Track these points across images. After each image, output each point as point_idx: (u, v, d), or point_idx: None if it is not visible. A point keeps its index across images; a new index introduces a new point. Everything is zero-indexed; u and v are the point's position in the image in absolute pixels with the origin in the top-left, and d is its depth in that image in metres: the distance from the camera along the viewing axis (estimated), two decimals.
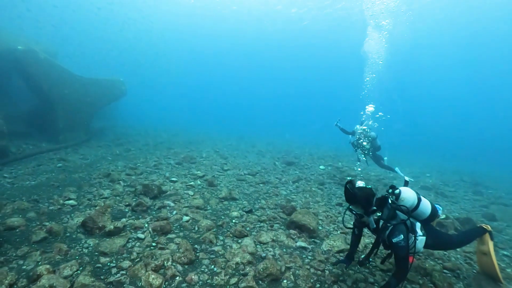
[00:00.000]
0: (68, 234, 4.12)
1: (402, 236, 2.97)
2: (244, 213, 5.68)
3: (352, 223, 3.91)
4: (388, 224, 3.12)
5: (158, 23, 35.67)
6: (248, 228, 4.90)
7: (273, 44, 40.92)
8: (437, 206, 3.59)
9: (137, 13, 30.17)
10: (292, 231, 4.92)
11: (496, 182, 13.69)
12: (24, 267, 3.23)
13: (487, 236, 3.93)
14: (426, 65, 41.64)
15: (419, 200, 3.36)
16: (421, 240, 3.28)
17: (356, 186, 3.03)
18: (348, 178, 9.78)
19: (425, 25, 28.46)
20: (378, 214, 3.14)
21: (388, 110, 11.20)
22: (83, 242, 3.91)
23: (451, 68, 41.76)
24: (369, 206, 3.05)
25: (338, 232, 5.21)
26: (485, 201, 9.78)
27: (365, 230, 3.99)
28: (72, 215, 4.75)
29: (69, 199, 5.44)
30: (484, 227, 3.98)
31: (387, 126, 10.70)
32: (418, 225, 3.36)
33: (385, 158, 9.54)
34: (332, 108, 70.22)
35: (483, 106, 57.30)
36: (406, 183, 3.91)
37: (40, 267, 3.08)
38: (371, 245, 3.38)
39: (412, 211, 3.29)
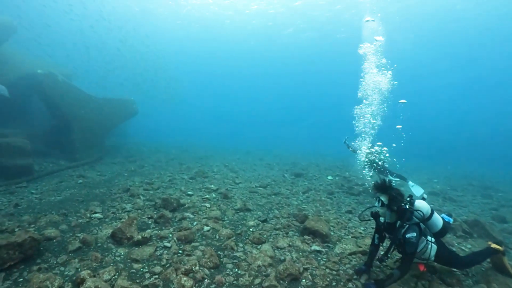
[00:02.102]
0: (99, 244, 4.46)
1: (414, 234, 3.37)
2: (260, 222, 5.98)
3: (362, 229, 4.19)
4: (405, 224, 3.47)
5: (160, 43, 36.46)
6: (265, 236, 5.19)
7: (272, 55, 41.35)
8: (447, 218, 4.02)
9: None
10: (306, 237, 5.20)
11: (507, 185, 13.79)
12: (66, 272, 3.56)
13: (500, 255, 4.07)
14: (428, 66, 41.09)
15: (432, 212, 3.80)
16: (433, 248, 3.62)
17: None
18: (355, 187, 10.12)
19: (427, 29, 28.51)
20: (395, 208, 3.53)
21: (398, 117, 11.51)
22: (114, 251, 4.24)
23: (455, 68, 41.21)
24: (395, 199, 3.51)
25: (349, 236, 5.48)
26: (495, 204, 9.94)
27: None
28: (100, 227, 5.10)
29: (95, 212, 5.82)
30: (496, 247, 4.06)
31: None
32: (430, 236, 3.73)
33: (410, 181, 9.44)
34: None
35: (492, 108, 56.16)
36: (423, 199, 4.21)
37: (82, 272, 3.40)
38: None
39: (427, 220, 3.72)
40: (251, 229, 5.53)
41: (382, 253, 3.78)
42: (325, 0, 24.47)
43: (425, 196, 4.55)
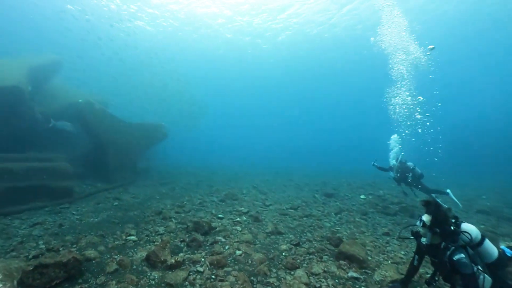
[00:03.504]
0: (134, 266, 4.56)
1: (463, 255, 3.06)
2: (292, 246, 5.84)
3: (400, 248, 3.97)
4: (449, 246, 3.21)
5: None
6: (298, 260, 5.06)
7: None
8: (509, 251, 3.48)
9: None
10: (342, 262, 5.00)
11: None
12: None
13: None
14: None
15: (483, 237, 3.38)
16: (486, 279, 3.16)
17: None
18: (391, 206, 9.68)
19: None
20: (437, 230, 3.29)
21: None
22: (149, 274, 4.32)
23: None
24: (438, 221, 3.30)
25: (389, 262, 5.19)
26: None
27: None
28: (135, 249, 5.24)
29: (130, 235, 5.99)
30: None
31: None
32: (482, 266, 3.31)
33: (448, 190, 9.07)
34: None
35: None
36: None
37: None
38: (427, 275, 3.44)
39: (476, 246, 3.32)
40: (283, 254, 5.42)
41: (428, 275, 3.52)
42: None
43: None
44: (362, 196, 11.57)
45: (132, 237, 5.84)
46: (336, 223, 7.91)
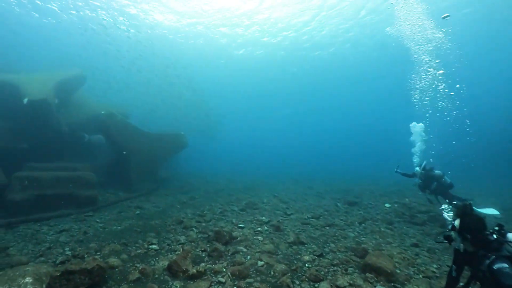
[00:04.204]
0: (156, 276, 4.55)
1: (506, 265, 2.73)
2: (316, 257, 5.67)
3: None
4: (489, 254, 2.95)
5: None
6: (322, 272, 4.88)
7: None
8: None
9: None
10: (368, 275, 4.77)
11: None
12: None
13: None
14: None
15: None
16: None
17: None
18: (418, 215, 9.26)
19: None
20: (468, 236, 3.08)
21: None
22: (170, 284, 4.30)
23: None
24: (468, 226, 3.11)
25: (420, 276, 4.91)
26: None
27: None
28: (157, 258, 5.25)
29: (152, 244, 6.01)
30: None
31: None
32: None
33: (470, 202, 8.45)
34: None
35: None
36: None
37: None
38: None
39: None
40: (306, 265, 5.25)
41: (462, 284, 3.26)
42: None
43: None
44: (386, 205, 11.17)
45: (153, 246, 5.86)
46: (360, 233, 7.64)
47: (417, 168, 9.30)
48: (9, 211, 7.93)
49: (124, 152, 12.77)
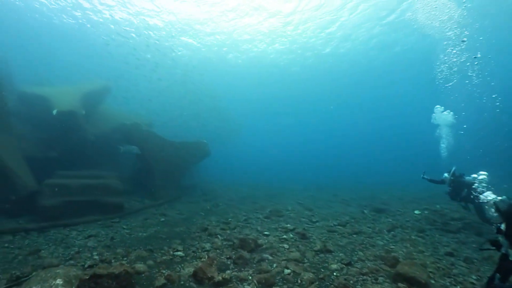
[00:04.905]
0: (182, 282, 4.52)
1: None
2: (344, 265, 5.45)
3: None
4: None
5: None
6: (351, 281, 4.67)
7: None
8: None
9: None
10: (400, 285, 4.51)
11: None
12: None
13: None
14: None
15: None
16: None
17: None
18: (452, 222, 8.77)
19: None
20: None
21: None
22: None
23: None
24: None
25: (458, 287, 4.58)
26: None
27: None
28: (182, 265, 5.22)
29: (177, 250, 6.02)
30: None
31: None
32: None
33: None
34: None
35: None
36: None
37: None
38: None
39: None
40: (334, 273, 5.06)
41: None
42: None
43: None
44: (416, 211, 10.68)
45: (179, 253, 5.86)
46: (389, 241, 7.31)
47: (446, 174, 8.82)
48: (40, 216, 8.24)
49: (140, 153, 12.94)
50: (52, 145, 12.16)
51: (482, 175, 7.89)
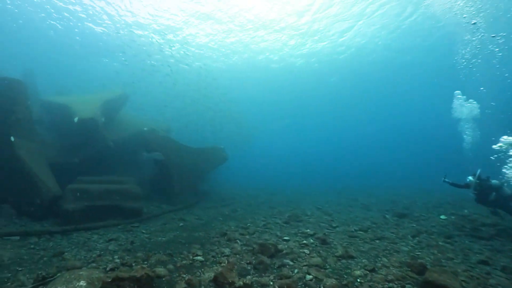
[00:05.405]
0: (202, 287, 4.44)
1: None
2: (367, 272, 5.22)
3: None
4: None
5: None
6: None
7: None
8: None
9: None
10: None
11: None
12: None
13: None
14: None
15: None
16: None
17: None
18: (483, 228, 8.31)
19: None
20: None
21: None
22: None
23: None
24: None
25: None
26: None
27: None
28: (202, 270, 5.15)
29: (197, 255, 5.95)
30: None
31: None
32: None
33: None
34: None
35: None
36: None
37: None
38: None
39: None
40: (358, 280, 4.84)
41: None
42: None
43: None
44: (442, 216, 10.25)
45: (199, 257, 5.80)
46: (414, 247, 7.00)
47: (470, 178, 8.33)
48: (63, 219, 8.46)
49: (163, 159, 13.08)
50: (73, 152, 12.50)
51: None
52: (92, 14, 24.30)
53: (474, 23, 11.20)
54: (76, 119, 12.19)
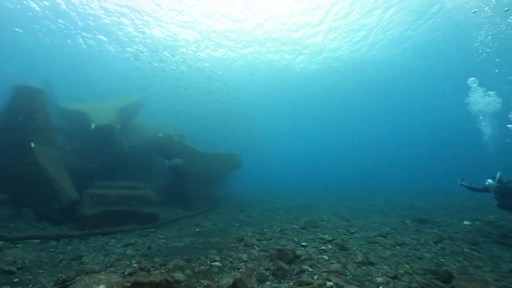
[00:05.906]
0: None
1: None
2: (390, 279, 5.02)
3: None
4: None
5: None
6: None
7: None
8: None
9: None
10: None
11: None
12: None
13: None
14: None
15: None
16: None
17: None
18: None
19: None
20: None
21: None
22: None
23: None
24: None
25: None
26: None
27: None
28: (220, 275, 5.08)
29: (214, 260, 5.90)
30: None
31: None
32: None
33: None
34: None
35: None
36: None
37: None
38: None
39: None
40: (380, 287, 4.66)
41: None
42: None
43: None
44: (466, 222, 9.84)
45: (216, 263, 5.75)
46: (438, 254, 6.71)
47: (489, 180, 7.93)
48: (81, 224, 8.58)
49: (184, 165, 13.17)
50: (91, 158, 12.73)
51: None
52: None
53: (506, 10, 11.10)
54: (93, 126, 12.45)
